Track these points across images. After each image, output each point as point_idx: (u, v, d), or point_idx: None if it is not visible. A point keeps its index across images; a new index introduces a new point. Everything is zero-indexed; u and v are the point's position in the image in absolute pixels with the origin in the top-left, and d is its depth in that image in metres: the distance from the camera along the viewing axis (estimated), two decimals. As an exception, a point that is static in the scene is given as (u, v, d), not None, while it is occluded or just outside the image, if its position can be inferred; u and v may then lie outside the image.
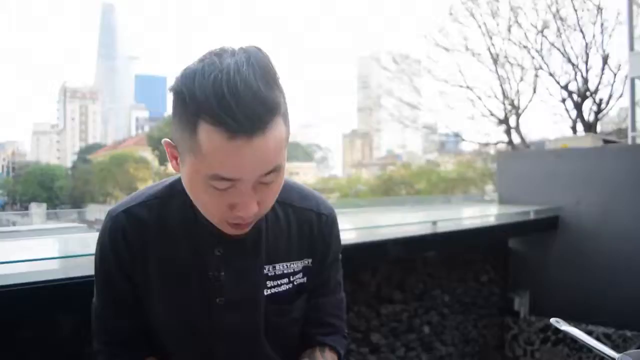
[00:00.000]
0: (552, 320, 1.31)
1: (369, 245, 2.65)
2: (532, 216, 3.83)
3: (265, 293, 1.10)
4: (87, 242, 1.74)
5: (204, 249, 1.06)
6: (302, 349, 1.18)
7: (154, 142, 44.14)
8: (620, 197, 3.70)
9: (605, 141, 4.77)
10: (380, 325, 2.93)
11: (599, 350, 1.18)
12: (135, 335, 1.10)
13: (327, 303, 1.20)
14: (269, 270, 1.10)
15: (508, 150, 17.21)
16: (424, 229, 3.06)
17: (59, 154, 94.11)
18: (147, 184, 1.21)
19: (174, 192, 1.08)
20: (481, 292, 3.72)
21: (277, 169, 0.91)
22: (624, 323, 3.49)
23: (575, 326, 1.21)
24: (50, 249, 2.18)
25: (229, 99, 0.81)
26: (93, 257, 1.12)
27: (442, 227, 3.11)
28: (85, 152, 61.46)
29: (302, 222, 1.14)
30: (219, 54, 0.87)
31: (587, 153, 4.01)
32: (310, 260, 1.15)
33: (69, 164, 62.15)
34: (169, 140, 0.95)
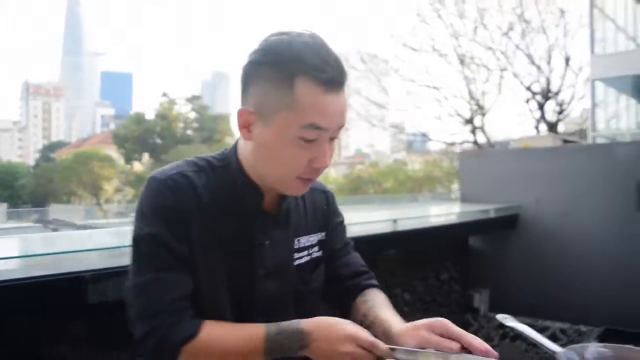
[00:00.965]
0: (499, 316, 1.33)
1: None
2: (492, 214, 3.89)
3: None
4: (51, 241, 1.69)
5: (249, 219, 1.12)
6: (350, 301, 1.28)
7: (119, 140, 43.44)
8: (578, 196, 3.78)
9: (565, 141, 4.88)
10: (341, 324, 2.93)
11: (544, 345, 1.20)
12: (189, 304, 1.05)
13: (354, 257, 1.37)
14: (295, 242, 1.21)
15: (470, 150, 17.45)
16: (385, 228, 3.07)
17: (21, 152, 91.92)
18: (112, 183, 1.19)
19: (222, 163, 1.14)
20: (441, 289, 3.76)
21: (343, 126, 1.06)
22: (579, 318, 3.57)
23: (533, 322, 1.23)
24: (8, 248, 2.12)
25: (325, 55, 0.99)
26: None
27: (403, 226, 3.13)
28: (49, 149, 60.03)
29: (314, 200, 1.28)
30: (286, 32, 1.03)
31: (546, 153, 4.10)
32: (323, 234, 1.28)
33: (31, 162, 60.69)
34: (246, 109, 1.05)
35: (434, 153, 36.53)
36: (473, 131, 20.25)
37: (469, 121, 20.15)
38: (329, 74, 0.98)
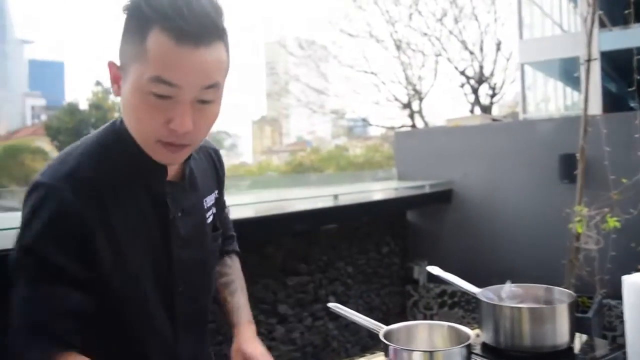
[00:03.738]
0: (429, 268, 1.48)
1: (272, 218, 2.75)
2: (427, 189, 4.09)
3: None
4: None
5: (157, 194, 1.06)
6: None
7: (52, 132, 41.78)
8: (505, 170, 4.04)
9: (494, 120, 5.13)
10: (287, 297, 3.05)
11: (465, 289, 1.36)
12: (57, 325, 0.94)
13: (225, 217, 1.38)
14: (204, 203, 1.18)
15: (404, 130, 17.85)
16: (327, 203, 3.21)
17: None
18: None
19: (116, 139, 1.04)
20: (382, 262, 3.94)
21: (216, 86, 0.96)
22: (513, 282, 3.83)
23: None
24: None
25: (182, 6, 0.89)
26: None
27: (343, 201, 3.28)
28: (-25, 143, 57.23)
29: (207, 159, 1.24)
30: None
31: (474, 130, 4.34)
32: (216, 192, 1.26)
33: (-45, 157, 57.71)
34: (113, 61, 0.99)
35: (375, 138, 37.07)
36: (411, 115, 20.71)
37: (407, 105, 20.59)
38: (180, 25, 0.89)
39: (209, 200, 1.21)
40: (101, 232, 0.97)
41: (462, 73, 19.09)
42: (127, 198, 1.02)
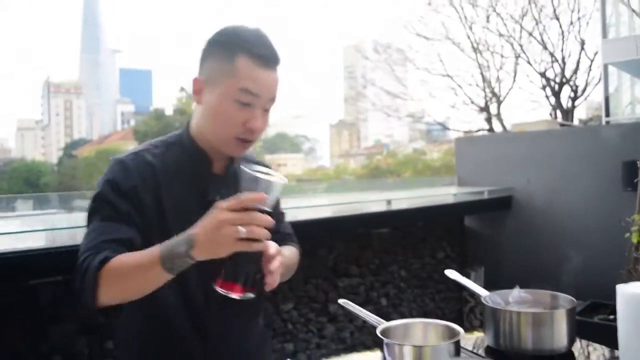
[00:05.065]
0: (447, 271, 1.55)
1: (324, 221, 2.88)
2: (486, 195, 4.09)
3: None
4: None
5: (200, 181, 1.34)
6: None
7: (140, 136, 44.00)
8: (567, 177, 3.96)
9: (562, 125, 5.02)
10: (338, 297, 3.16)
11: (474, 290, 1.43)
12: (117, 246, 1.19)
13: (283, 227, 1.57)
14: None
15: (466, 135, 17.46)
16: (379, 207, 3.30)
17: (44, 150, 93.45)
18: None
19: (176, 140, 1.37)
20: (438, 267, 3.97)
21: (274, 100, 1.31)
22: (568, 293, 3.76)
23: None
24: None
25: (262, 39, 1.28)
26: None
27: (397, 205, 3.36)
28: (71, 147, 61.05)
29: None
30: (240, 25, 1.32)
31: (537, 136, 4.27)
32: None
33: (54, 160, 61.74)
34: (197, 77, 1.31)
35: (452, 142, 36.42)
36: (488, 119, 20.20)
37: (484, 109, 20.11)
38: (262, 52, 1.25)
39: None
40: (151, 198, 1.27)
41: (543, 75, 18.42)
42: (176, 181, 1.31)
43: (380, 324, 1.25)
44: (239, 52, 1.24)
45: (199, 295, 1.30)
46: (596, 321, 3.55)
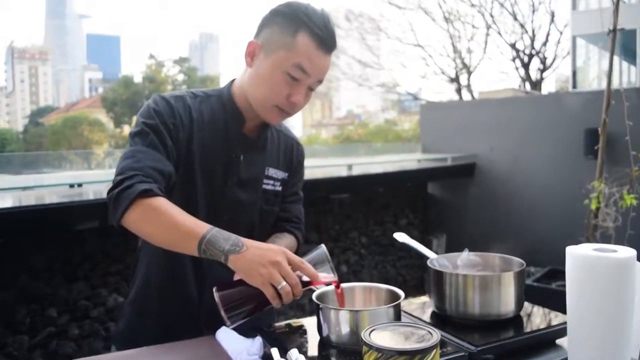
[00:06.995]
0: (395, 235, 1.49)
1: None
2: (449, 162, 4.05)
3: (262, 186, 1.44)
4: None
5: (230, 137, 1.37)
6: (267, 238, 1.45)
7: (108, 104, 43.05)
8: (529, 144, 3.94)
9: (527, 93, 4.98)
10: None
11: (423, 253, 1.37)
12: (162, 178, 1.23)
13: (296, 208, 1.57)
14: (266, 170, 1.45)
15: (430, 102, 17.52)
16: (340, 172, 3.22)
17: (9, 118, 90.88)
18: (102, 147, 1.38)
19: (216, 93, 1.42)
20: (400, 234, 3.93)
21: (321, 82, 1.33)
22: (527, 260, 3.77)
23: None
24: None
25: (326, 22, 1.28)
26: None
27: (358, 171, 3.28)
28: (37, 115, 59.41)
29: (287, 145, 1.53)
30: (308, 4, 1.31)
31: (500, 103, 4.23)
32: (287, 175, 1.51)
33: (20, 128, 60.10)
34: (255, 41, 1.32)
35: (423, 112, 36.48)
36: (459, 90, 20.26)
37: (455, 79, 20.14)
38: (324, 35, 1.26)
39: (274, 172, 1.46)
40: (185, 140, 1.31)
41: (513, 46, 18.47)
42: (207, 131, 1.35)
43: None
44: (302, 29, 1.26)
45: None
46: (553, 287, 3.57)
